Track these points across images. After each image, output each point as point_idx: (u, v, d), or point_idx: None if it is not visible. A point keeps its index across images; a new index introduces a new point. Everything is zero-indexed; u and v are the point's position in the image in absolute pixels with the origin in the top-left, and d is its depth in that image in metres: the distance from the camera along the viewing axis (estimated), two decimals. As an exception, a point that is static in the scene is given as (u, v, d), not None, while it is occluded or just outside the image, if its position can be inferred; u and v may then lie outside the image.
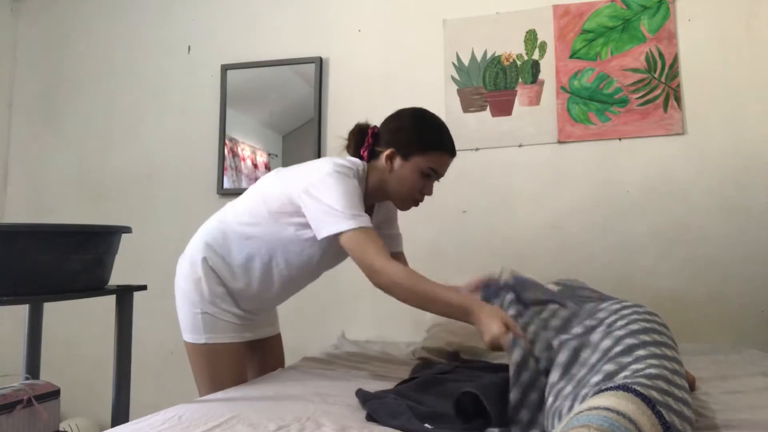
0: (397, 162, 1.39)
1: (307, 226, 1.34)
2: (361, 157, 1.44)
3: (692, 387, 1.28)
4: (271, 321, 1.65)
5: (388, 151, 1.39)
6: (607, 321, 1.05)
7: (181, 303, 1.47)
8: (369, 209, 1.46)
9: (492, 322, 1.13)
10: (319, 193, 1.29)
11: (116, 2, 2.74)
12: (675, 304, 2.01)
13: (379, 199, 1.49)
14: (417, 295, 1.23)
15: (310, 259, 1.41)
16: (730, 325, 1.97)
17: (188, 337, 1.45)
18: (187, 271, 1.46)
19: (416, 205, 1.47)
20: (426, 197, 1.46)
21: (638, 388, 0.75)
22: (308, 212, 1.31)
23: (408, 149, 1.39)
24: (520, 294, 1.26)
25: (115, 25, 2.73)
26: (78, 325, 2.57)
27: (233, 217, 1.46)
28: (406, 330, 2.18)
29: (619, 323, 1.02)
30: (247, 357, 1.54)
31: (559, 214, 2.15)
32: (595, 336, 1.02)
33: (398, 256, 1.60)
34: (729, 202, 2.01)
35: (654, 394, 0.76)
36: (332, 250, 1.39)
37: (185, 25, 2.64)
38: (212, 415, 1.05)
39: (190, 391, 2.31)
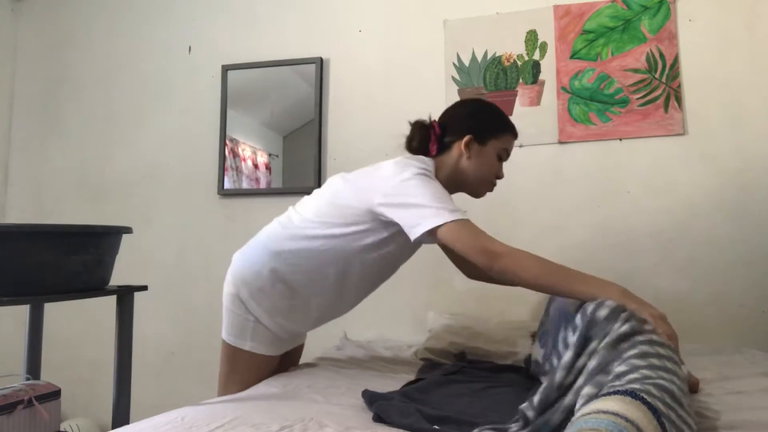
0: (475, 148, 1.42)
1: (383, 235, 1.31)
2: (425, 153, 1.43)
3: (695, 389, 1.28)
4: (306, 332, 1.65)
5: (466, 138, 1.41)
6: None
7: (233, 305, 1.43)
8: None
9: (644, 309, 1.06)
10: (406, 197, 1.25)
11: (117, 3, 2.74)
12: (675, 304, 2.01)
13: (450, 192, 1.45)
14: (550, 272, 1.16)
15: (388, 261, 1.39)
16: (731, 326, 1.97)
17: (230, 338, 1.43)
18: (248, 277, 1.40)
19: (491, 189, 1.50)
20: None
21: (646, 397, 0.75)
22: (397, 217, 1.26)
23: (484, 133, 1.42)
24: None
25: (116, 26, 2.73)
26: (79, 325, 2.57)
27: (302, 226, 1.39)
28: (407, 330, 2.18)
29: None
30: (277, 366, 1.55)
31: (559, 215, 2.15)
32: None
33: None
34: (730, 203, 2.01)
35: (660, 406, 0.75)
36: (409, 250, 1.38)
37: (186, 26, 2.64)
38: (215, 416, 1.05)
39: (190, 391, 2.31)
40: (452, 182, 1.43)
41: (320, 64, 2.42)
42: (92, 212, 2.62)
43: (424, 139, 1.44)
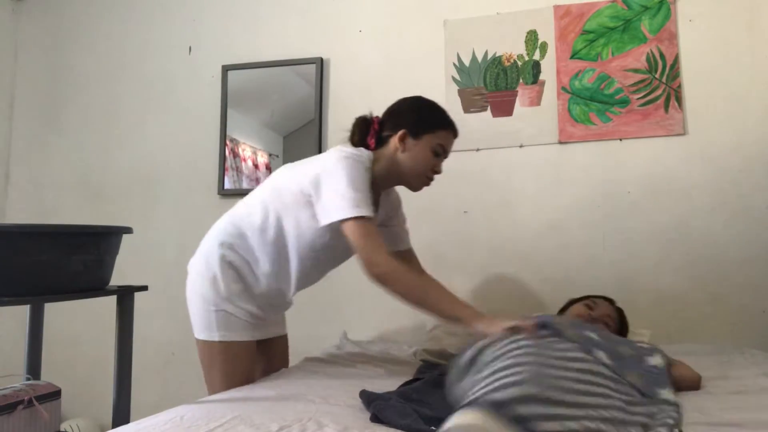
0: (409, 142, 1.46)
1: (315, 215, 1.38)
2: (366, 146, 1.48)
3: (697, 386, 1.29)
4: (279, 321, 1.67)
5: (400, 133, 1.45)
6: None
7: (195, 301, 1.49)
8: (376, 198, 1.49)
9: (490, 327, 1.18)
10: (328, 179, 1.34)
11: (117, 3, 2.74)
12: (676, 304, 2.01)
13: (388, 186, 1.55)
14: (411, 290, 1.29)
15: (324, 248, 1.44)
16: (731, 325, 1.96)
17: (201, 334, 1.47)
18: (201, 269, 1.48)
19: (428, 184, 1.53)
20: (422, 193, 1.54)
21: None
22: (316, 199, 1.36)
23: (418, 129, 1.46)
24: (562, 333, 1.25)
25: (116, 26, 2.74)
26: (79, 325, 2.57)
27: (246, 212, 1.49)
28: (406, 331, 2.18)
29: None
30: (256, 356, 1.57)
31: (559, 215, 2.15)
32: None
33: (406, 254, 1.63)
34: (730, 203, 2.01)
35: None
36: (342, 241, 1.40)
37: (186, 26, 2.64)
38: (214, 415, 1.05)
39: (191, 391, 2.31)
40: (389, 174, 1.49)
41: (320, 64, 2.42)
42: (93, 212, 2.63)
43: (363, 133, 1.50)
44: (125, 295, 1.56)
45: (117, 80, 2.70)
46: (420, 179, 1.50)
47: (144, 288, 1.63)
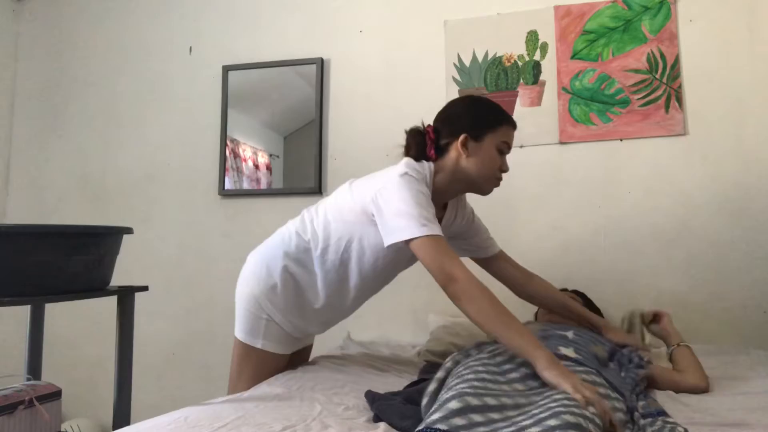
0: (472, 145, 1.39)
1: (376, 236, 1.33)
2: (426, 159, 1.41)
3: (705, 389, 1.29)
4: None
5: (461, 138, 1.38)
6: None
7: (246, 303, 1.46)
8: (442, 209, 1.46)
9: (560, 380, 1.01)
10: (389, 198, 1.27)
11: (117, 3, 2.74)
12: (676, 304, 2.01)
13: (455, 195, 1.48)
14: (493, 314, 1.16)
15: (385, 266, 1.41)
16: (732, 326, 1.96)
17: (244, 336, 1.46)
18: (262, 274, 1.45)
19: (498, 185, 1.46)
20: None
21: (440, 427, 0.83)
22: (378, 219, 1.29)
23: (479, 130, 1.39)
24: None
25: (116, 26, 2.73)
26: (80, 325, 2.57)
27: (310, 227, 1.45)
28: (409, 331, 2.18)
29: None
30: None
31: (560, 215, 2.15)
32: None
33: (497, 258, 1.62)
34: (730, 203, 2.01)
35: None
36: (405, 256, 1.39)
37: (186, 26, 2.64)
38: (218, 416, 1.05)
39: (191, 391, 2.31)
40: (456, 183, 1.42)
41: (321, 64, 2.42)
42: (93, 212, 2.62)
43: (420, 146, 1.41)
44: (126, 296, 1.55)
45: (117, 80, 2.70)
46: (490, 182, 1.44)
47: (144, 288, 1.62)
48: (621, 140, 2.12)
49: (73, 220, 2.55)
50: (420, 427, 0.86)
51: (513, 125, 1.44)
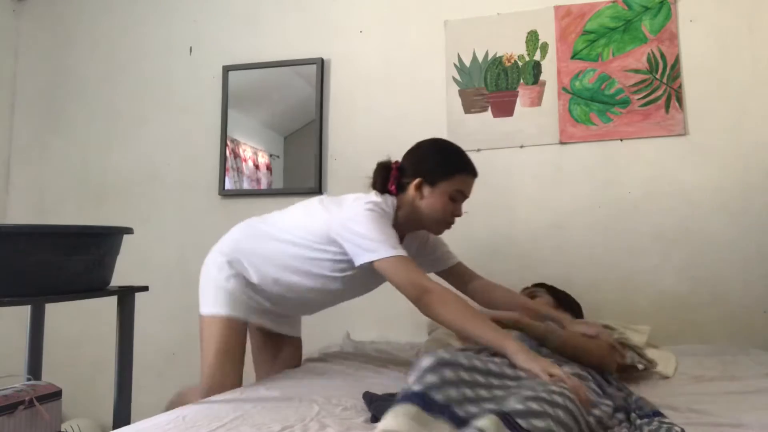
0: (426, 190, 1.46)
1: (335, 260, 1.42)
2: (389, 192, 1.49)
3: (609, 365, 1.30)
4: (292, 323, 1.72)
5: (416, 181, 1.46)
6: None
7: (208, 281, 1.54)
8: (400, 240, 1.51)
9: (531, 363, 1.07)
10: (357, 226, 1.35)
11: (118, 3, 2.74)
12: (677, 304, 2.01)
13: (411, 229, 1.55)
14: (465, 318, 1.23)
15: (332, 290, 1.50)
16: (733, 326, 1.96)
17: (207, 310, 1.50)
18: (221, 263, 1.53)
19: (448, 227, 1.53)
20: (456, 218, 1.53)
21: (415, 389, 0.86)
22: (346, 244, 1.37)
23: (434, 176, 1.46)
24: None
25: (117, 26, 2.74)
26: (80, 326, 2.57)
27: (275, 232, 1.52)
28: (407, 331, 2.17)
29: None
30: (261, 346, 1.66)
31: (560, 215, 2.15)
32: None
33: (456, 269, 1.68)
34: (730, 203, 2.01)
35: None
36: (357, 283, 1.48)
37: (187, 26, 2.64)
38: (216, 415, 1.05)
39: (191, 392, 2.29)
40: (410, 220, 1.49)
41: (321, 64, 2.42)
42: (93, 213, 2.62)
43: (384, 180, 1.50)
44: (126, 296, 1.56)
45: (117, 81, 2.70)
46: (440, 224, 1.51)
47: (144, 288, 1.63)
48: (621, 140, 2.12)
49: (74, 220, 2.55)
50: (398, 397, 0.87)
51: (472, 174, 1.51)
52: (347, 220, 1.38)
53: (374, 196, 1.46)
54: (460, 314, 1.23)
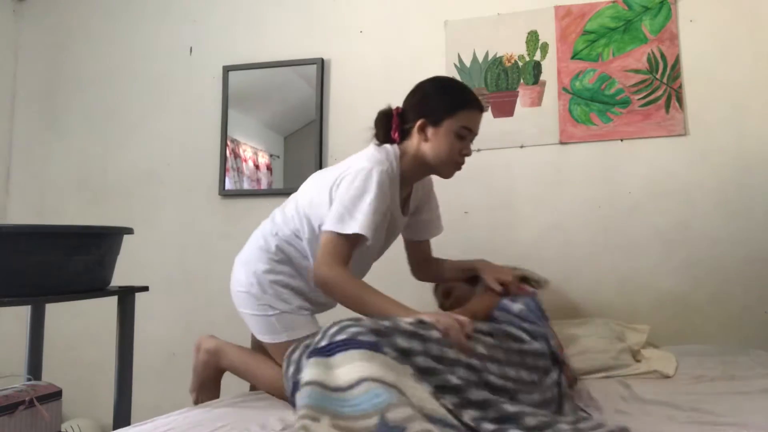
0: (430, 131, 1.39)
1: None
2: (392, 141, 1.43)
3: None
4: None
5: (419, 123, 1.39)
6: None
7: (249, 309, 1.44)
8: (407, 193, 1.49)
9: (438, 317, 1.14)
10: (343, 185, 1.31)
11: (118, 4, 2.74)
12: (677, 305, 2.01)
13: (419, 178, 1.49)
14: (349, 297, 1.25)
15: (364, 250, 1.41)
16: (733, 327, 1.96)
17: (267, 338, 1.43)
18: (251, 280, 1.44)
19: (459, 168, 1.46)
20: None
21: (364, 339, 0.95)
22: (332, 203, 1.32)
23: (437, 115, 1.39)
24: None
25: (117, 27, 2.74)
26: (80, 326, 2.57)
27: (285, 224, 1.47)
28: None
29: None
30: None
31: (560, 215, 2.15)
32: None
33: (422, 244, 1.66)
34: (731, 203, 2.01)
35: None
36: (377, 241, 1.41)
37: (187, 27, 2.64)
38: (219, 417, 1.06)
39: (191, 392, 2.29)
40: (417, 167, 1.43)
41: (321, 64, 2.42)
42: (94, 213, 2.62)
43: (386, 129, 1.44)
44: (126, 296, 1.56)
45: (118, 81, 2.70)
46: (449, 167, 1.44)
47: (145, 288, 1.63)
48: (621, 140, 2.12)
49: (74, 220, 2.55)
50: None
51: (478, 108, 1.43)
52: (341, 177, 1.33)
53: (374, 151, 1.39)
54: (359, 290, 1.24)
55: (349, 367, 0.89)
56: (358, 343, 0.93)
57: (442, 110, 1.39)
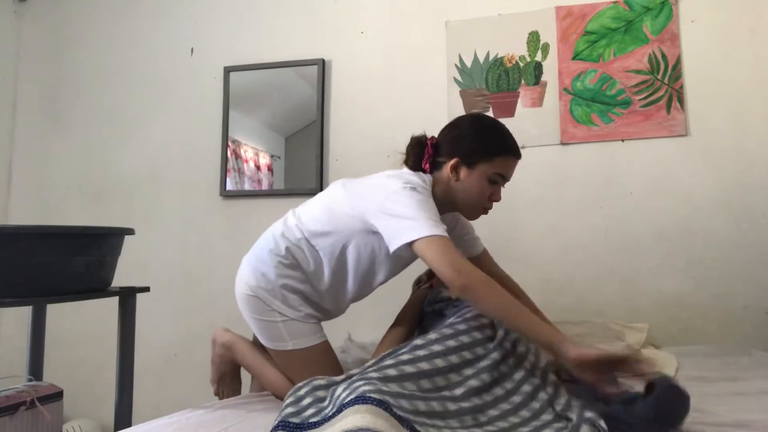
0: (463, 171, 1.35)
1: (369, 241, 1.32)
2: (423, 170, 1.38)
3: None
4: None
5: (452, 162, 1.35)
6: None
7: (255, 313, 1.40)
8: None
9: (580, 351, 1.05)
10: (394, 207, 1.23)
11: (119, 4, 2.75)
12: (678, 305, 2.01)
13: (446, 210, 1.43)
14: (506, 307, 1.14)
15: (382, 272, 1.38)
16: (735, 327, 1.96)
17: (271, 344, 1.39)
18: (260, 281, 1.39)
19: (485, 213, 1.43)
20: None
21: (375, 396, 0.85)
22: (382, 227, 1.25)
23: (472, 157, 1.35)
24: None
25: (118, 27, 2.74)
26: (81, 326, 2.57)
27: (298, 228, 1.40)
28: (408, 332, 2.17)
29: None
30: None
31: (561, 216, 2.15)
32: None
33: (481, 258, 1.60)
34: (732, 204, 2.01)
35: (388, 398, 0.86)
36: (401, 263, 1.38)
37: (188, 27, 2.64)
38: (224, 418, 1.05)
39: (193, 392, 2.31)
40: (445, 201, 1.38)
41: (322, 65, 2.42)
42: (95, 213, 2.63)
43: (418, 157, 1.39)
44: (127, 296, 1.56)
45: (119, 81, 2.70)
46: (475, 210, 1.41)
47: (146, 289, 1.63)
48: (622, 141, 2.12)
49: (75, 220, 2.55)
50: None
51: (515, 156, 1.39)
52: (383, 202, 1.24)
53: (409, 174, 1.34)
54: (501, 306, 1.13)
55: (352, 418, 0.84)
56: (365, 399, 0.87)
57: (479, 153, 1.35)
